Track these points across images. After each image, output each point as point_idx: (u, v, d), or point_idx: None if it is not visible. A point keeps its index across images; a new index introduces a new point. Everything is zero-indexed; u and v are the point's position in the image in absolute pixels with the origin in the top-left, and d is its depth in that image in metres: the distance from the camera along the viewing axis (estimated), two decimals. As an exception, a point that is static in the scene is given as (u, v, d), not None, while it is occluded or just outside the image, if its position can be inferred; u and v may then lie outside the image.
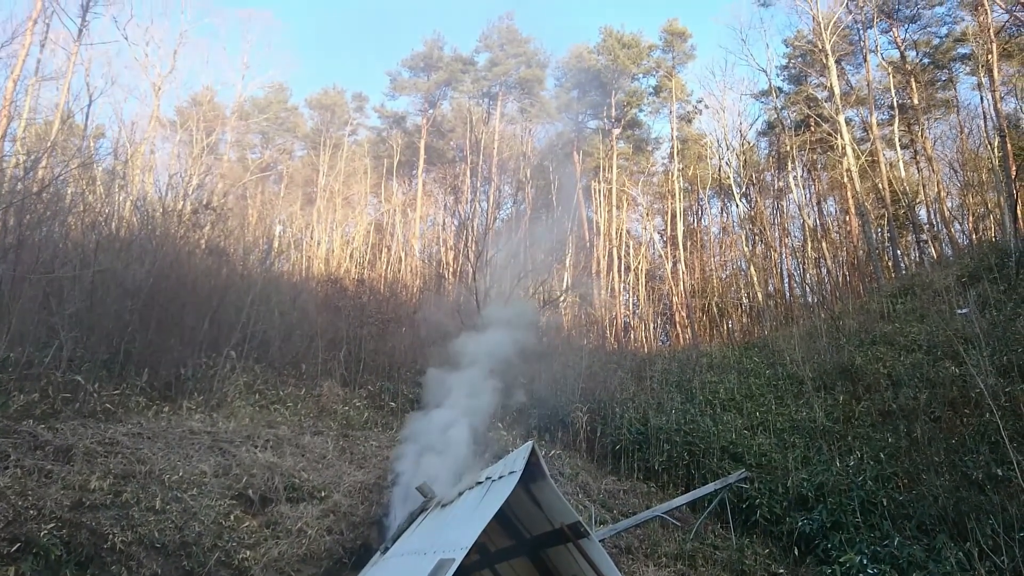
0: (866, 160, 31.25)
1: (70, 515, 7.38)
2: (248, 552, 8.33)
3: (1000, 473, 11.00)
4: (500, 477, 6.75)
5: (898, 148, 32.69)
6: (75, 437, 8.95)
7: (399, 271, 31.25)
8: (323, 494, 9.88)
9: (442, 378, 11.44)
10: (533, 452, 6.57)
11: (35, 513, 7.15)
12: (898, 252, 31.12)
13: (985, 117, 29.07)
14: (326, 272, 26.03)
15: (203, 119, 32.22)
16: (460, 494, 7.78)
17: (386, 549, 8.53)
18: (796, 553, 11.41)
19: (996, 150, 25.73)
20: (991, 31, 25.61)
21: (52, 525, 7.11)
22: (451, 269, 30.69)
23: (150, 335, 12.81)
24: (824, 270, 34.26)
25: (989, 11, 26.17)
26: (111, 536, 7.40)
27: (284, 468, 10.04)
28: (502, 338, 11.85)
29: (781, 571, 11.10)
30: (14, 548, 6.70)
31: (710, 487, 11.94)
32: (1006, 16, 26.94)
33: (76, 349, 11.44)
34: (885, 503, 11.48)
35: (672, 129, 39.53)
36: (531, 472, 6.65)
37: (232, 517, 8.67)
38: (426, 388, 12.20)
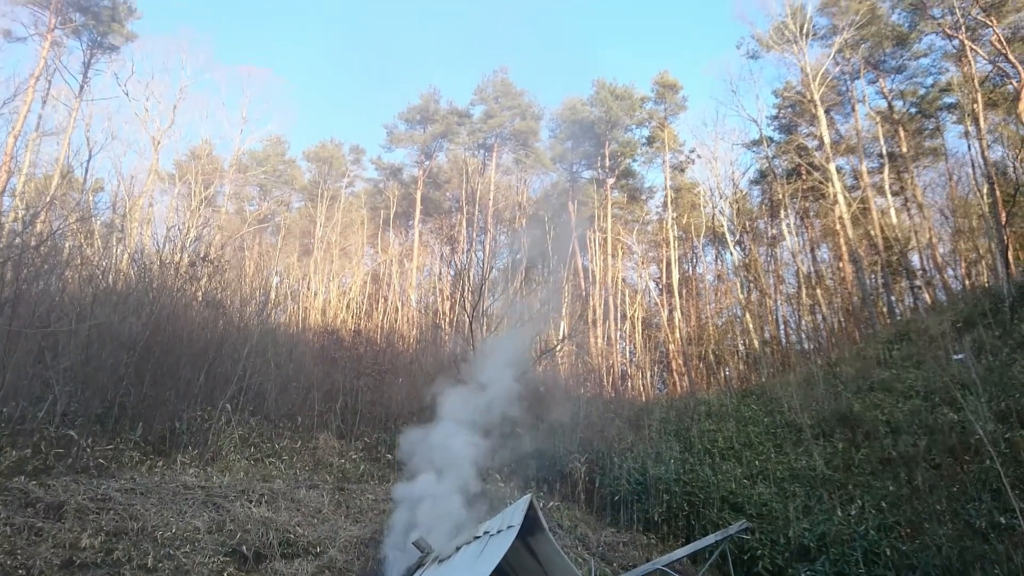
0: (858, 207, 31.65)
1: (60, 574, 7.26)
2: (241, 611, 8.17)
3: (1003, 521, 10.89)
4: (498, 532, 6.68)
5: (889, 195, 33.13)
6: (67, 493, 8.85)
7: (395, 321, 31.17)
8: (318, 550, 9.70)
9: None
10: (531, 505, 6.52)
11: (24, 573, 7.04)
12: (892, 298, 31.27)
13: (973, 164, 29.59)
14: (322, 323, 25.97)
15: (201, 172, 32.55)
16: (457, 549, 7.68)
17: (382, 606, 8.38)
18: (800, 606, 11.22)
19: (985, 197, 26.11)
20: (975, 81, 26.24)
21: (41, 585, 6.99)
22: (447, 319, 30.67)
23: (145, 388, 12.73)
24: (819, 316, 34.38)
25: (973, 62, 26.89)
26: (101, 596, 7.27)
27: (279, 523, 9.89)
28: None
29: (785, 625, 10.91)
30: (2, 609, 6.59)
31: (711, 538, 11.73)
32: (990, 66, 27.64)
33: (70, 403, 11.37)
34: (888, 553, 11.32)
35: (665, 178, 40.08)
36: (529, 526, 6.59)
37: (226, 574, 8.51)
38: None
